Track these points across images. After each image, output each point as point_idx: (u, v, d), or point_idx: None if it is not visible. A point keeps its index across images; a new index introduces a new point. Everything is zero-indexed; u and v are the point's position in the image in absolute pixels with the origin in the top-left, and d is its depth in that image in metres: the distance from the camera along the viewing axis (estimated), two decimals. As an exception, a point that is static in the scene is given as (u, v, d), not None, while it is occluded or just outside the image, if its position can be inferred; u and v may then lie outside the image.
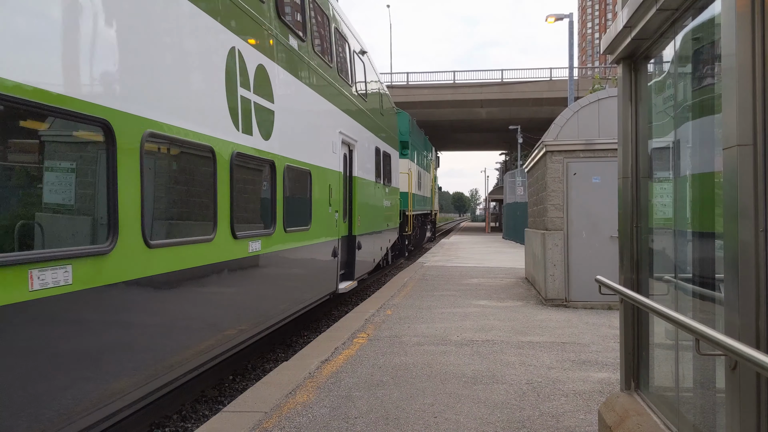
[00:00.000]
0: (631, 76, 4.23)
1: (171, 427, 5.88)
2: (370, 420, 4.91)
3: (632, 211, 4.18)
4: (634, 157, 4.18)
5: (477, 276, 15.51)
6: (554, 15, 23.06)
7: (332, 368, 6.46)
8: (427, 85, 46.93)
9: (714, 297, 3.04)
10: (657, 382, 3.92)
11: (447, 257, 21.80)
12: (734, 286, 2.41)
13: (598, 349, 7.35)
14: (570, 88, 23.90)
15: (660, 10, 3.36)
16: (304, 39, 8.86)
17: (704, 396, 3.24)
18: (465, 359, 6.85)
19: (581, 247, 10.53)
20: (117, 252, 4.30)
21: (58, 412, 3.81)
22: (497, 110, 46.10)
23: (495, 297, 11.79)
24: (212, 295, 5.95)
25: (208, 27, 5.82)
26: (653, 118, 4.08)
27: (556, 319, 9.35)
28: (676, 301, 3.63)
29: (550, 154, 10.73)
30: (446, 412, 5.11)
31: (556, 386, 5.83)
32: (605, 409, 4.19)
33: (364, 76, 13.83)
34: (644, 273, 4.13)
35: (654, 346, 4.00)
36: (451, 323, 9.00)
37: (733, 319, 2.43)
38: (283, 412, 5.09)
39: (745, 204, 2.35)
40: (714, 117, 3.00)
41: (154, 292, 4.88)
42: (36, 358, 3.64)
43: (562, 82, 41.01)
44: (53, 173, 3.97)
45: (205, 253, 5.64)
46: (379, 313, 9.80)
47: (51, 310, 3.70)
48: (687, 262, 3.49)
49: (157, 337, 4.95)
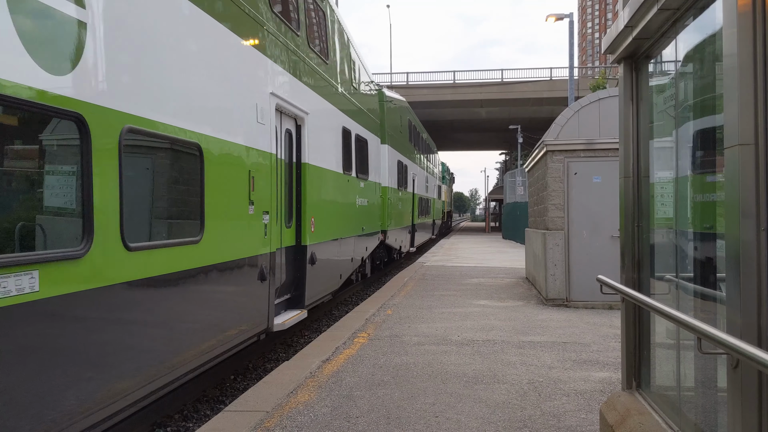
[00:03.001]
0: (632, 75, 4.24)
1: (173, 427, 5.89)
2: (372, 419, 4.91)
3: (633, 211, 4.19)
4: (635, 157, 4.19)
5: (477, 276, 15.51)
6: (554, 14, 23.06)
7: (333, 368, 6.46)
8: (427, 85, 46.92)
9: (715, 296, 3.05)
10: (658, 381, 3.93)
11: (447, 257, 21.80)
12: (736, 285, 2.42)
13: (599, 349, 7.35)
14: (570, 87, 23.91)
15: (661, 9, 3.37)
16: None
17: (706, 395, 3.24)
18: (466, 359, 6.86)
19: (582, 247, 10.53)
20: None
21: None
22: (497, 110, 46.08)
23: (495, 297, 11.79)
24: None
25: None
26: (654, 118, 4.09)
27: (556, 319, 9.36)
28: (678, 301, 3.63)
29: (551, 153, 10.74)
30: (447, 411, 5.11)
31: (557, 386, 5.83)
32: (607, 409, 4.19)
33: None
34: (645, 272, 4.14)
35: (655, 346, 4.01)
36: (452, 323, 9.01)
37: (735, 318, 2.43)
38: (284, 411, 5.10)
39: (747, 203, 2.36)
40: (715, 116, 3.01)
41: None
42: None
43: (562, 81, 41.00)
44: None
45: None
46: (380, 313, 9.81)
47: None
48: (688, 261, 3.50)
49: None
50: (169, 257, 5.10)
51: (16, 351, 3.52)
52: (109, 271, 4.29)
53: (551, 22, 23.26)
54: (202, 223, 5.64)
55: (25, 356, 3.60)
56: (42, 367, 3.72)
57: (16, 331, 3.50)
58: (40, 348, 3.70)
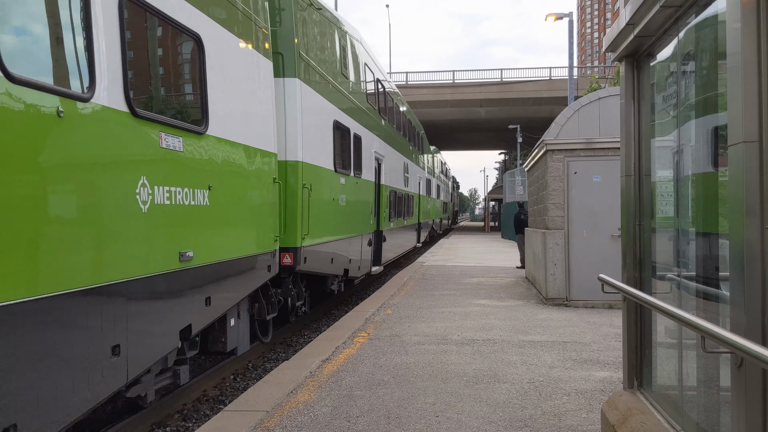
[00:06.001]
0: (633, 73, 4.22)
1: (172, 427, 5.87)
2: (372, 419, 4.89)
3: (635, 209, 4.17)
4: (636, 155, 4.17)
5: (477, 275, 15.49)
6: (554, 14, 23.05)
7: (333, 367, 6.44)
8: (427, 85, 46.87)
9: (718, 295, 3.03)
10: (660, 381, 3.91)
11: (447, 256, 21.78)
12: (740, 283, 2.40)
13: (599, 348, 7.34)
14: (570, 87, 23.89)
15: (663, 7, 3.35)
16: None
17: (708, 394, 3.22)
18: (466, 358, 6.84)
19: (582, 246, 10.52)
20: None
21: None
22: (497, 110, 46.05)
23: (495, 296, 11.77)
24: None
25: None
26: (656, 116, 4.07)
27: (557, 319, 9.34)
28: (680, 300, 3.62)
29: (551, 153, 10.72)
30: (448, 411, 5.09)
31: (558, 385, 5.82)
32: (608, 408, 4.18)
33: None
34: (647, 271, 4.12)
35: (657, 345, 3.99)
36: (452, 322, 8.99)
37: (739, 317, 2.42)
38: (284, 411, 5.08)
39: (751, 201, 2.34)
40: (718, 115, 2.99)
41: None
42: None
43: (562, 81, 40.97)
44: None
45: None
46: (380, 313, 9.79)
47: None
48: (690, 260, 3.48)
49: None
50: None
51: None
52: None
53: (551, 22, 23.24)
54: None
55: None
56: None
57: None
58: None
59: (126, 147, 4.47)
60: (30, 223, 3.53)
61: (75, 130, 3.90)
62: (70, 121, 3.83)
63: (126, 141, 4.46)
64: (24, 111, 3.44)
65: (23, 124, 3.45)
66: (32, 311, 3.52)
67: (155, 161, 4.85)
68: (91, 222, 4.10)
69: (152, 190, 4.77)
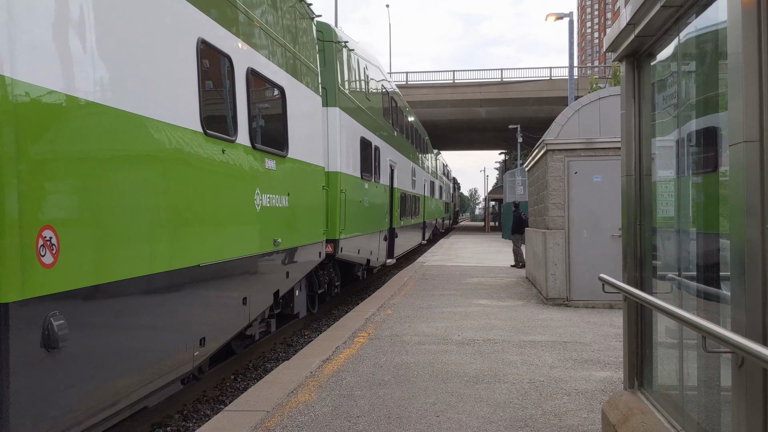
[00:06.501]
0: (634, 73, 4.22)
1: (173, 427, 5.87)
2: (372, 419, 4.89)
3: (636, 209, 4.17)
4: (637, 155, 4.17)
5: (477, 275, 15.49)
6: (554, 14, 23.04)
7: (333, 367, 6.44)
8: (427, 85, 46.86)
9: (718, 295, 3.03)
10: (661, 381, 3.91)
11: (447, 256, 21.78)
12: (741, 283, 2.40)
13: (600, 348, 7.34)
14: (570, 87, 23.89)
15: (664, 6, 3.35)
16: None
17: (709, 394, 3.22)
18: (466, 358, 6.84)
19: (582, 246, 10.52)
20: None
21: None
22: (497, 109, 46.03)
23: (496, 296, 11.77)
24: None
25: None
26: (656, 116, 4.07)
27: (557, 319, 9.34)
28: (680, 299, 3.62)
29: (551, 152, 10.72)
30: (448, 411, 5.09)
31: (558, 385, 5.81)
32: (609, 408, 4.18)
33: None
34: (647, 271, 4.12)
35: (657, 345, 3.99)
36: (452, 322, 8.99)
37: (740, 317, 2.41)
38: (285, 410, 5.08)
39: (752, 201, 2.34)
40: (718, 114, 2.99)
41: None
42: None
43: (562, 81, 40.96)
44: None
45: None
46: (380, 313, 9.79)
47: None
48: (691, 259, 3.48)
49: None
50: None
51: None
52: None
53: (551, 22, 23.23)
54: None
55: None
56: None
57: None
58: None
59: (250, 168, 6.64)
60: (218, 218, 5.85)
61: (230, 160, 6.07)
62: (227, 155, 5.99)
63: (250, 165, 6.64)
64: (209, 151, 5.59)
65: (210, 160, 5.64)
66: (216, 270, 5.73)
67: (262, 176, 6.98)
68: (236, 216, 6.27)
69: (261, 196, 6.91)
